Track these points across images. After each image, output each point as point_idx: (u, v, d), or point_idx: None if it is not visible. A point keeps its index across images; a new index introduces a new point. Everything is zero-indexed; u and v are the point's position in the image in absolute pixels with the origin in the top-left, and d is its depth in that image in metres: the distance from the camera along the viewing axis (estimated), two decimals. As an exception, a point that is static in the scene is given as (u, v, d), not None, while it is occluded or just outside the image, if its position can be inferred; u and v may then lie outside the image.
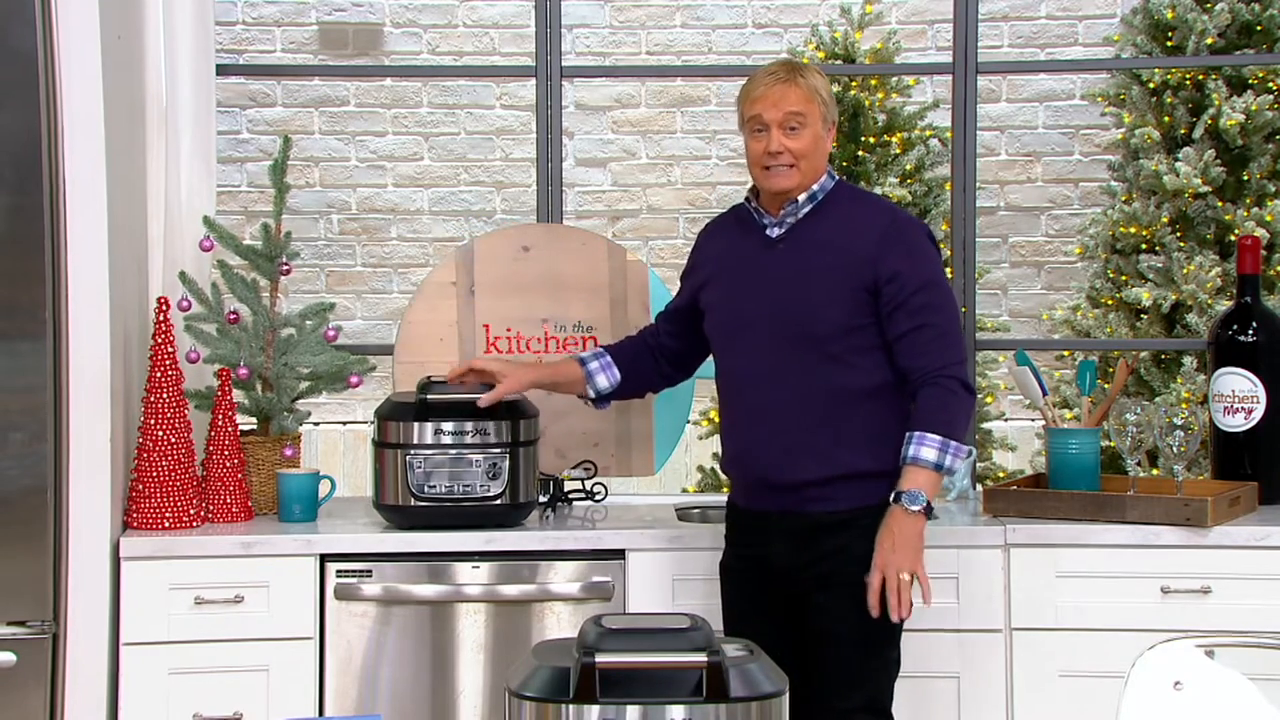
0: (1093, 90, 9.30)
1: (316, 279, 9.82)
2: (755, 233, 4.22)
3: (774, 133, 4.11)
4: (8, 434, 4.30)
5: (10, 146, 4.27)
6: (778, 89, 4.11)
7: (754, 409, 4.15)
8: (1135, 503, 4.62)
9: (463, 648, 4.56)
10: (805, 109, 4.11)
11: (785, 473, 4.09)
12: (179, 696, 4.45)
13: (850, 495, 4.08)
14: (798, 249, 4.15)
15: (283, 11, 10.00)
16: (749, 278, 4.18)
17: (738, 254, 4.24)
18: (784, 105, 4.10)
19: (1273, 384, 4.88)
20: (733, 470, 4.26)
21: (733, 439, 4.24)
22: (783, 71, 4.15)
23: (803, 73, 4.16)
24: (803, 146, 4.12)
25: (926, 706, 4.47)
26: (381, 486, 4.61)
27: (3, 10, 4.24)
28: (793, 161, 4.11)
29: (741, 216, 4.30)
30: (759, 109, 4.13)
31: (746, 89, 4.20)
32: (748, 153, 4.21)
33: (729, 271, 4.24)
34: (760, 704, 2.69)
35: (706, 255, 4.36)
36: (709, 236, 4.42)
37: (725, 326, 4.22)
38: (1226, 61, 8.18)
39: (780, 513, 4.12)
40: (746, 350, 4.16)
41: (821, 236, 4.14)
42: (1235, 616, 4.42)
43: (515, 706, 2.71)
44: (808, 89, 4.12)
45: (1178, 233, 8.31)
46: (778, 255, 4.16)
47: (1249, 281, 4.98)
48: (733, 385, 4.22)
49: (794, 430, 4.07)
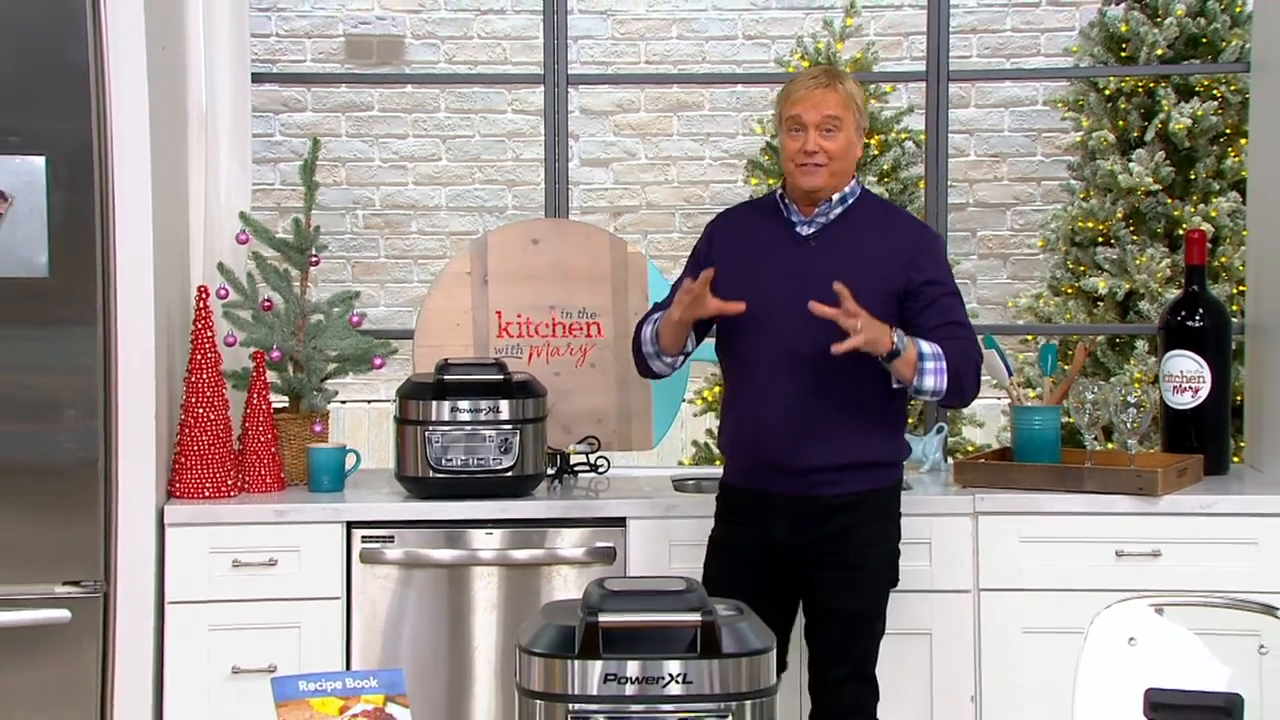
0: (1053, 97, 9.30)
1: (343, 269, 9.81)
2: (784, 228, 4.14)
3: (811, 133, 4.04)
4: (62, 411, 4.31)
5: (64, 149, 4.27)
6: (818, 93, 4.05)
7: (772, 395, 4.04)
8: (1092, 474, 4.62)
9: (477, 607, 4.55)
10: (842, 114, 4.05)
11: (798, 458, 4.01)
12: (218, 650, 4.46)
13: (857, 481, 4.05)
14: (832, 249, 4.08)
15: (312, 24, 9.99)
16: (780, 270, 4.08)
17: (766, 246, 4.14)
18: (823, 108, 4.03)
19: (1217, 365, 4.88)
20: (739, 452, 4.17)
21: (744, 421, 4.14)
22: (824, 77, 4.10)
23: (842, 80, 4.11)
24: (837, 148, 4.05)
25: (902, 661, 4.46)
26: (403, 459, 4.61)
27: (57, 26, 4.24)
28: (826, 161, 4.04)
29: (766, 210, 4.21)
30: (799, 110, 4.05)
31: (788, 90, 4.13)
32: (783, 149, 4.13)
33: (757, 262, 4.12)
34: (750, 659, 2.69)
35: (727, 244, 4.22)
36: (726, 227, 4.29)
37: (746, 314, 4.05)
38: (1175, 71, 8.19)
39: (786, 495, 4.05)
40: (771, 338, 4.05)
41: (855, 239, 4.09)
42: (1183, 578, 4.41)
43: (525, 661, 2.71)
44: (845, 95, 4.06)
45: (1131, 227, 8.31)
46: (811, 252, 4.08)
47: (1196, 272, 4.97)
48: (749, 370, 4.12)
49: (812, 418, 4.00)
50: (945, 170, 5.45)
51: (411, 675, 4.26)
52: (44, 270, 4.27)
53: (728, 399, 4.22)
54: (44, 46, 4.25)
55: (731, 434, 4.19)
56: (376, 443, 8.58)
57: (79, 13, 4.25)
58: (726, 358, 4.20)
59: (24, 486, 4.31)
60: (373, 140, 9.96)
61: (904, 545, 4.39)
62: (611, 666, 2.64)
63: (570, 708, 2.64)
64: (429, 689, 4.50)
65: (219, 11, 4.97)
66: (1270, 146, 4.91)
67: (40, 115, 4.26)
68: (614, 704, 2.63)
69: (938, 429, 5.06)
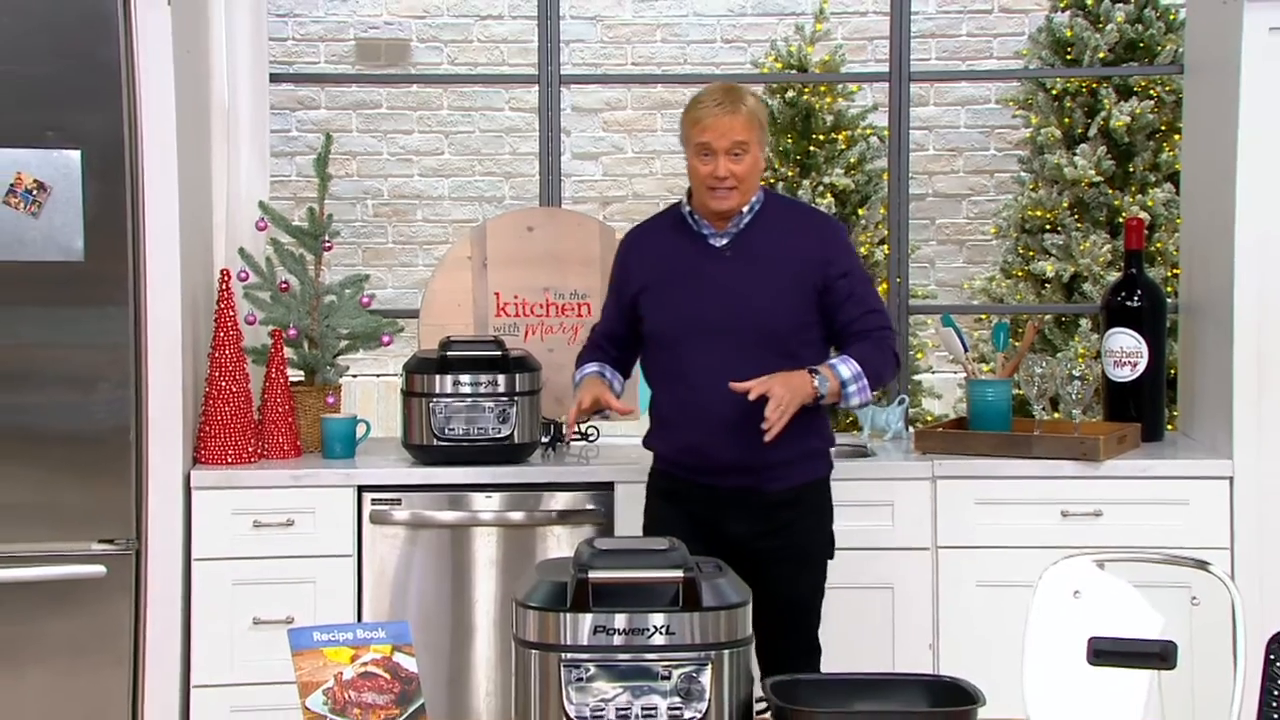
0: (1005, 96, 9.29)
1: (354, 254, 9.79)
2: (697, 241, 3.98)
3: (721, 159, 3.88)
4: (97, 383, 4.30)
5: (98, 144, 4.26)
6: (725, 120, 3.87)
7: (710, 403, 3.86)
8: (1040, 441, 4.63)
9: (477, 565, 4.55)
10: (747, 136, 3.88)
11: (746, 457, 3.86)
12: (240, 603, 4.45)
13: (803, 471, 3.97)
14: (750, 257, 3.94)
15: (325, 29, 9.96)
16: (699, 283, 3.93)
17: (682, 261, 3.98)
18: (730, 135, 3.87)
19: (1154, 342, 4.89)
20: (681, 457, 3.99)
21: (683, 430, 3.96)
22: (727, 102, 3.90)
23: (743, 99, 3.93)
24: (744, 170, 3.89)
25: (865, 613, 4.47)
26: (409, 429, 4.60)
27: (91, 30, 4.23)
28: (736, 185, 3.89)
29: (675, 225, 4.05)
30: (708, 137, 3.89)
31: (694, 115, 3.95)
32: (693, 172, 3.95)
33: (675, 277, 3.97)
34: (728, 612, 2.69)
35: (641, 263, 4.06)
36: (636, 248, 4.12)
37: (678, 328, 3.94)
38: (1115, 72, 8.18)
39: (735, 489, 3.92)
40: (702, 349, 3.89)
41: (767, 244, 3.95)
42: (1123, 535, 4.42)
43: (521, 615, 2.70)
44: (748, 116, 3.90)
45: (1076, 216, 8.30)
46: (728, 263, 3.94)
47: (1134, 256, 4.98)
48: (683, 381, 3.93)
49: (752, 420, 3.75)
50: (906, 163, 5.44)
51: (417, 627, 4.26)
52: (79, 255, 4.27)
53: (661, 410, 4.04)
54: (79, 49, 4.25)
55: (671, 443, 4.02)
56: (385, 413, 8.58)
57: (111, 18, 4.24)
58: (654, 371, 4.06)
59: (62, 452, 4.30)
60: (381, 136, 9.94)
61: (868, 507, 4.41)
62: (600, 619, 2.64)
63: (563, 657, 2.63)
64: (433, 640, 4.50)
65: (240, 16, 4.96)
66: (1202, 142, 4.90)
67: (76, 112, 4.25)
68: (603, 653, 2.63)
69: (899, 400, 5.06)
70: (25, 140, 4.22)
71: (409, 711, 2.69)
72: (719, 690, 2.64)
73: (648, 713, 2.62)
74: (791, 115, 8.54)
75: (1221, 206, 4.61)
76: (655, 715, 2.62)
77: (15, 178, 4.22)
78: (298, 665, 2.67)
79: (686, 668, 2.63)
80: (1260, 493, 4.50)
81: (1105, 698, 2.73)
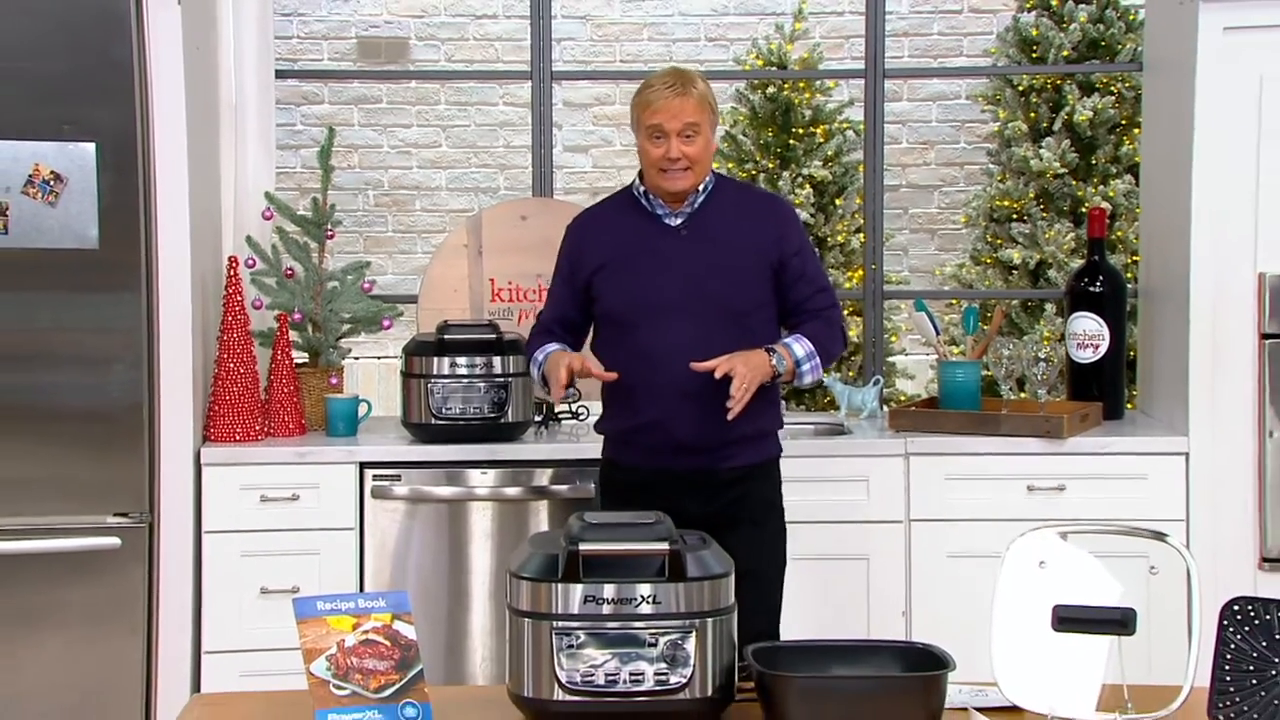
0: (974, 92, 9.30)
1: (356, 242, 9.77)
2: (652, 221, 3.83)
3: (673, 140, 3.72)
4: (112, 364, 4.30)
5: (112, 137, 4.25)
6: (676, 101, 3.72)
7: (672, 381, 3.73)
8: (1007, 419, 4.64)
9: (473, 537, 4.55)
10: (699, 118, 3.73)
11: (703, 436, 3.75)
12: (248, 573, 4.45)
13: (755, 451, 3.86)
14: (706, 235, 3.80)
15: (328, 27, 9.93)
16: (659, 262, 3.79)
17: (639, 241, 3.83)
18: (682, 116, 3.72)
19: (1115, 325, 4.89)
20: (639, 437, 3.83)
21: (643, 409, 3.80)
22: (679, 84, 3.75)
23: (694, 82, 3.78)
24: (697, 151, 3.74)
25: (841, 582, 4.47)
26: (408, 408, 4.60)
27: (106, 29, 4.23)
28: (689, 165, 3.74)
29: (626, 207, 3.89)
30: (660, 119, 3.72)
31: (644, 98, 3.78)
32: (644, 155, 3.79)
33: (631, 257, 3.82)
34: (711, 582, 2.69)
35: (595, 245, 3.89)
36: (588, 230, 3.95)
37: (636, 307, 3.79)
38: (1078, 70, 8.18)
39: (691, 471, 3.79)
40: (662, 328, 3.75)
41: (723, 224, 3.82)
42: (1085, 508, 4.43)
43: (515, 585, 2.70)
44: (699, 98, 3.75)
45: (1041, 206, 8.30)
46: (685, 241, 3.80)
47: (1097, 244, 4.98)
48: (643, 360, 3.77)
49: (715, 399, 3.66)
50: (881, 156, 5.44)
51: (416, 596, 4.26)
52: (94, 243, 4.26)
53: (615, 390, 3.85)
54: (94, 47, 4.24)
55: (626, 422, 3.86)
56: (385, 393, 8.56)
57: (124, 17, 4.23)
58: (610, 351, 3.86)
59: (79, 430, 4.30)
60: (381, 129, 9.92)
61: (845, 482, 4.41)
62: (590, 589, 2.64)
63: (554, 625, 2.63)
64: (431, 609, 4.50)
65: (247, 15, 4.95)
66: (1160, 135, 4.91)
67: (91, 107, 4.24)
68: (592, 621, 2.63)
69: (874, 381, 5.06)
70: (43, 134, 4.21)
71: (408, 677, 2.69)
72: (703, 656, 2.64)
73: (635, 678, 2.63)
74: (772, 110, 8.53)
75: (1178, 197, 4.62)
76: (642, 681, 2.63)
77: (33, 169, 4.22)
78: (302, 633, 2.67)
79: (672, 635, 2.63)
80: (1214, 468, 4.51)
81: (1068, 662, 2.73)
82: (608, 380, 3.78)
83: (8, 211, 4.22)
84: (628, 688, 2.63)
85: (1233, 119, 4.48)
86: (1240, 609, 2.68)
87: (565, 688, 2.63)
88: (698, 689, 2.64)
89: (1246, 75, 4.46)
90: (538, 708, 2.67)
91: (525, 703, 2.68)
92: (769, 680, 2.64)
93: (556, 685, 2.63)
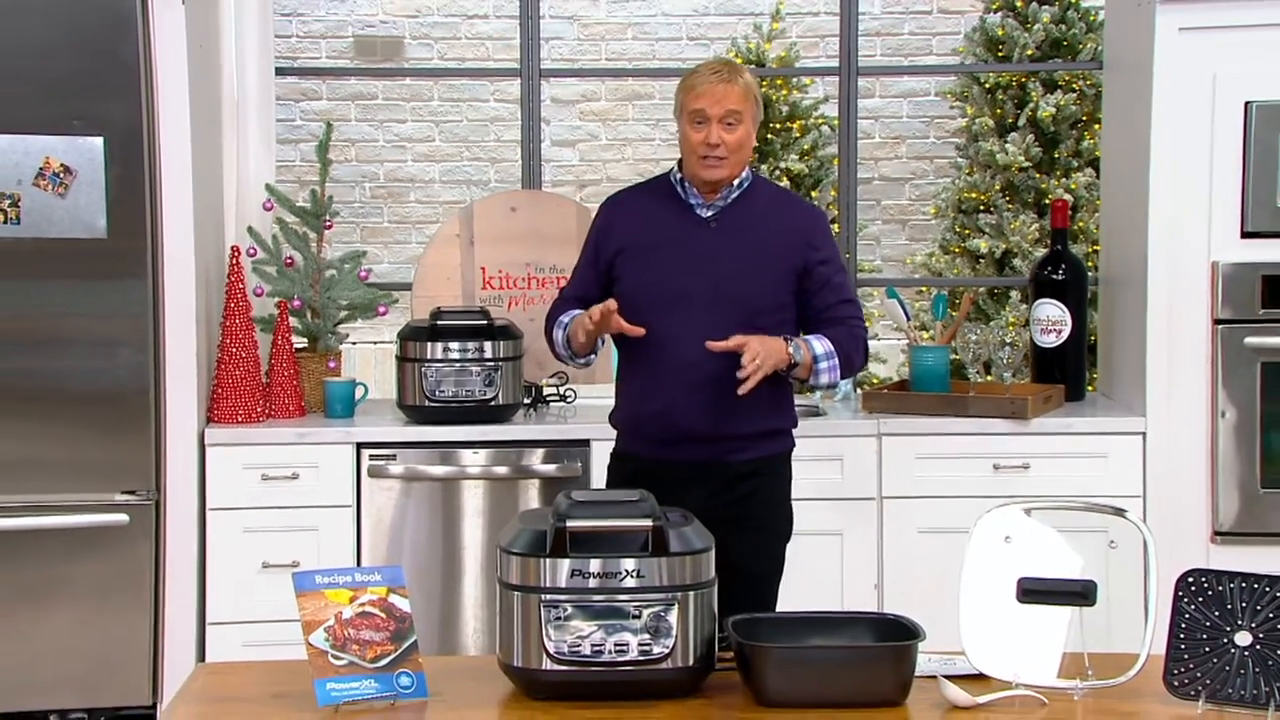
0: (943, 89, 9.31)
1: (353, 232, 9.75)
2: (685, 211, 3.65)
3: (714, 127, 3.54)
4: (119, 349, 4.29)
5: (120, 132, 4.24)
6: (721, 87, 3.55)
7: (684, 370, 3.54)
8: (975, 401, 4.64)
9: (466, 515, 4.55)
10: (742, 107, 3.55)
11: (713, 427, 3.56)
12: (251, 549, 4.44)
13: (764, 446, 3.65)
14: (735, 230, 3.61)
15: (326, 27, 9.91)
16: (684, 251, 3.60)
17: (667, 228, 3.64)
18: (725, 102, 3.54)
19: (1077, 311, 4.89)
20: (647, 424, 3.64)
21: (654, 396, 3.60)
22: (725, 71, 3.59)
23: (741, 73, 3.61)
24: (737, 140, 3.56)
25: (816, 558, 4.47)
26: (403, 391, 4.59)
27: (113, 29, 4.22)
28: (727, 154, 3.55)
29: (662, 193, 3.70)
30: (703, 104, 3.55)
31: (690, 82, 3.61)
32: (685, 140, 3.61)
33: (657, 243, 3.63)
34: (693, 557, 2.69)
35: (624, 226, 3.71)
36: (624, 210, 3.76)
37: (655, 293, 3.59)
38: (1042, 68, 8.20)
39: (698, 462, 3.58)
40: (679, 317, 3.55)
41: (753, 221, 3.63)
42: (1048, 485, 4.43)
43: (505, 560, 2.70)
44: (744, 88, 3.57)
45: (1007, 198, 8.33)
46: (714, 234, 3.61)
47: (1059, 234, 4.98)
48: (657, 347, 3.57)
49: (726, 390, 3.47)
50: (855, 150, 5.44)
51: (410, 571, 4.27)
52: (103, 233, 4.25)
53: (630, 376, 3.70)
54: (102, 46, 4.22)
55: (638, 408, 3.67)
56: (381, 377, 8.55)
57: (131, 18, 4.22)
58: (623, 337, 3.63)
59: (88, 412, 4.29)
60: (377, 124, 9.90)
61: (820, 461, 4.41)
62: (577, 564, 2.64)
63: (543, 598, 2.63)
64: (425, 582, 4.49)
65: (248, 15, 4.93)
66: (1119, 131, 4.91)
67: (99, 103, 4.23)
68: (579, 594, 2.63)
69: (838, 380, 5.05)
70: (53, 128, 4.20)
71: (403, 648, 2.69)
72: (684, 628, 2.65)
73: (620, 648, 2.63)
74: (750, 106, 8.53)
75: (1137, 189, 4.62)
76: (626, 651, 2.63)
77: (44, 162, 4.20)
78: (302, 605, 2.67)
79: (655, 607, 2.64)
80: (1170, 447, 4.52)
81: (1032, 632, 2.74)
82: (633, 334, 3.56)
83: (20, 203, 4.21)
84: (613, 658, 2.63)
85: (1188, 115, 4.48)
86: (1194, 580, 2.69)
87: (553, 657, 2.63)
88: (680, 659, 2.65)
89: (1200, 73, 4.47)
90: (527, 677, 2.67)
91: (515, 672, 2.68)
92: (748, 650, 2.65)
93: (545, 655, 2.63)
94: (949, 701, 2.65)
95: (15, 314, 4.27)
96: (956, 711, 2.63)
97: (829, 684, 2.62)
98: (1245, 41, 4.45)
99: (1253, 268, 4.47)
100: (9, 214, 4.21)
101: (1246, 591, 2.65)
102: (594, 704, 2.62)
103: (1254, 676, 2.61)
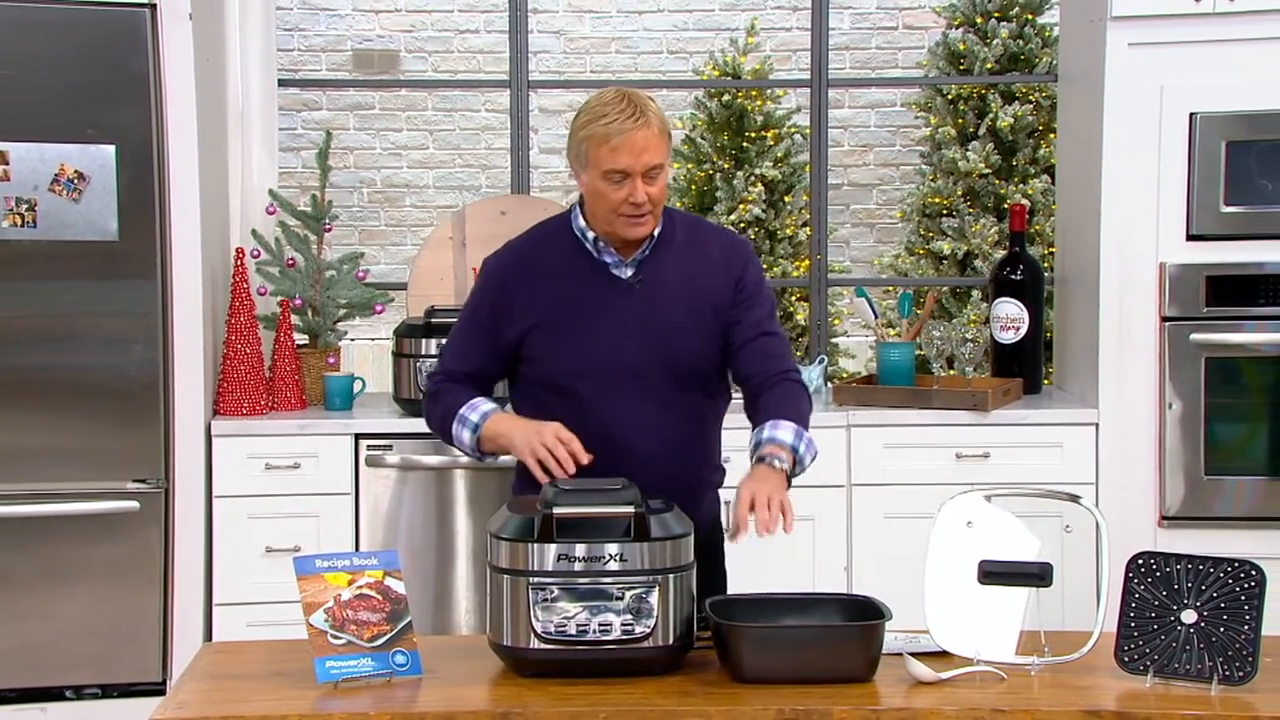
0: (908, 100, 9.31)
1: (351, 235, 9.73)
2: (598, 271, 3.04)
3: (638, 183, 2.91)
4: (130, 345, 4.29)
5: (131, 140, 4.23)
6: (639, 135, 2.89)
7: (631, 448, 3.00)
8: (938, 394, 4.64)
9: (459, 502, 4.54)
10: (663, 155, 2.94)
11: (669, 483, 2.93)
12: (255, 534, 4.43)
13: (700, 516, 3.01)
14: (657, 290, 3.03)
15: (326, 41, 9.88)
16: (611, 323, 3.02)
17: (583, 297, 3.02)
18: (645, 156, 2.90)
19: (1034, 309, 4.90)
20: None
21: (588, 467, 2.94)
22: (634, 110, 2.92)
23: (648, 106, 2.95)
24: (659, 192, 2.95)
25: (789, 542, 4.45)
26: (399, 384, 4.59)
27: (125, 42, 4.22)
28: (652, 209, 2.96)
29: (566, 250, 3.07)
30: (624, 163, 2.90)
31: (600, 131, 2.91)
32: (600, 200, 2.95)
33: (575, 314, 3.02)
34: (673, 542, 2.69)
35: (529, 299, 3.06)
36: (520, 276, 3.09)
37: (578, 372, 3.02)
38: (1000, 80, 8.20)
39: None
40: (609, 394, 3.01)
41: (675, 274, 3.04)
42: (1007, 473, 4.44)
43: (495, 545, 2.70)
44: (660, 127, 2.93)
45: (968, 202, 8.33)
46: (639, 297, 3.02)
47: (1018, 237, 4.99)
48: (587, 418, 2.99)
49: (661, 455, 3.02)
50: (825, 157, 5.44)
51: (405, 555, 4.27)
52: (114, 235, 4.24)
53: None
54: (115, 59, 4.22)
55: None
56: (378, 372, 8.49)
57: (141, 32, 4.21)
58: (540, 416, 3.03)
59: (101, 405, 4.28)
60: (375, 133, 9.88)
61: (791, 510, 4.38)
62: (563, 548, 2.64)
63: (530, 581, 2.63)
64: (419, 566, 4.48)
65: (252, 30, 4.92)
66: (1073, 140, 4.91)
67: (111, 113, 4.22)
68: (565, 578, 2.63)
69: (820, 360, 5.06)
70: (68, 136, 4.19)
71: (398, 628, 2.69)
72: (665, 609, 2.65)
73: (603, 628, 2.63)
74: (727, 116, 8.54)
75: (1090, 194, 4.63)
76: (610, 631, 2.63)
77: (59, 168, 4.19)
78: (302, 588, 2.66)
79: (637, 590, 2.63)
80: (1121, 437, 4.53)
81: (992, 611, 2.74)
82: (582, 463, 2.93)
83: (36, 207, 4.19)
84: (597, 637, 2.63)
85: (1137, 125, 4.49)
86: (1144, 562, 2.70)
87: (540, 637, 2.63)
88: (660, 638, 2.65)
89: (1149, 86, 4.48)
90: (516, 655, 2.67)
91: (504, 651, 2.68)
92: (724, 630, 2.65)
93: (532, 635, 2.63)
94: (914, 677, 2.65)
95: (32, 313, 4.26)
96: (921, 686, 2.63)
97: (801, 661, 2.63)
98: (1190, 56, 4.46)
99: (1197, 269, 4.48)
100: (26, 218, 4.19)
101: (1192, 572, 2.66)
102: (579, 681, 2.62)
103: (1199, 652, 2.62)
